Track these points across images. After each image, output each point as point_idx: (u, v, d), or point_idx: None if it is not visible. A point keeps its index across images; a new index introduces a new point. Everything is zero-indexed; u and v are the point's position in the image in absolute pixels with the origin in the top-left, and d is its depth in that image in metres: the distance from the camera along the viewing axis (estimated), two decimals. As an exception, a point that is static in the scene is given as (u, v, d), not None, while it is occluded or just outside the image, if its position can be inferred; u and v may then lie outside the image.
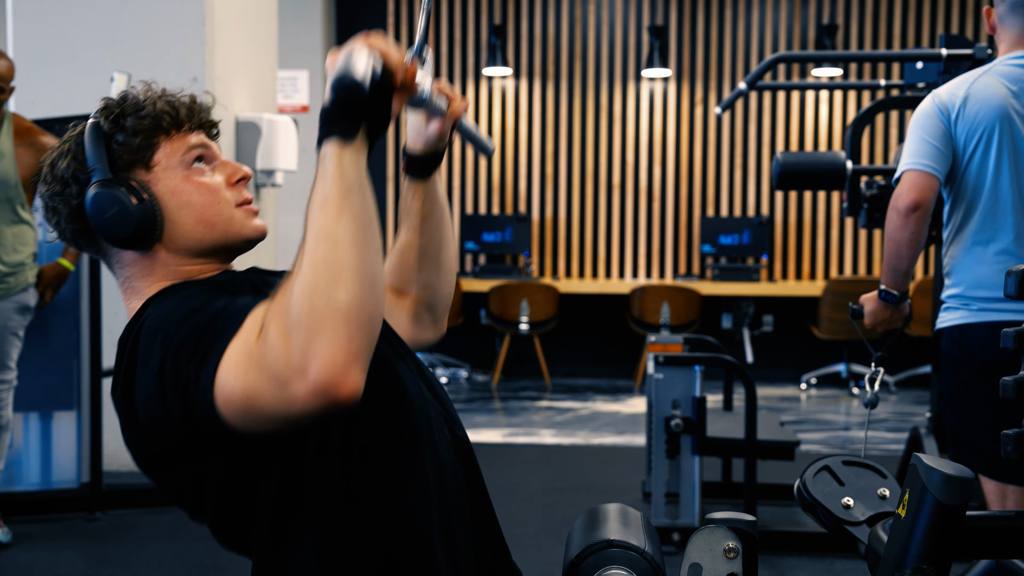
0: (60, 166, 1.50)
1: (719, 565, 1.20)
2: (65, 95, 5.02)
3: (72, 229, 1.52)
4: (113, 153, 1.47)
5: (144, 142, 1.48)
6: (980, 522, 1.56)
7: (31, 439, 4.61)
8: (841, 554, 3.97)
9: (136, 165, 1.48)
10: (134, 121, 1.48)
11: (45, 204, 1.53)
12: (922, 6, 8.30)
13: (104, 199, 1.45)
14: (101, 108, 1.51)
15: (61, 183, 1.49)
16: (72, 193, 1.48)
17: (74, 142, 1.50)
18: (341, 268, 1.20)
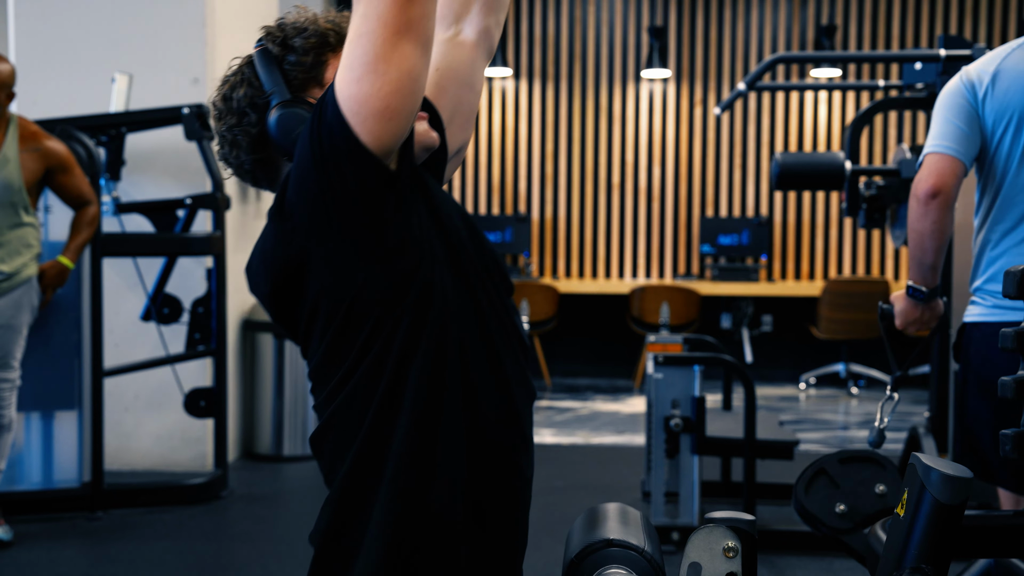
0: (235, 96, 1.50)
1: (718, 564, 1.22)
2: (67, 96, 5.03)
3: (252, 160, 1.51)
4: (287, 75, 1.48)
5: (315, 59, 1.48)
6: (978, 521, 1.58)
7: (32, 438, 4.62)
8: (840, 553, 3.97)
9: (311, 84, 1.48)
10: (301, 41, 1.48)
11: (222, 139, 1.52)
12: (921, 7, 8.31)
13: (289, 119, 1.44)
14: (265, 35, 1.51)
15: (238, 114, 1.49)
16: (251, 121, 1.48)
17: (246, 70, 1.50)
18: None
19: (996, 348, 1.94)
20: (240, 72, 1.51)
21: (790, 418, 6.86)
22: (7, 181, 4.03)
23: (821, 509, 2.00)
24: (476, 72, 1.69)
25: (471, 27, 1.68)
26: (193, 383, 4.99)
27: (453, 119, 1.64)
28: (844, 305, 7.58)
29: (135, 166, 4.99)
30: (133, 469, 5.18)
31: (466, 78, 1.67)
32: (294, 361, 5.55)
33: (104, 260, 4.58)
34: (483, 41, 1.69)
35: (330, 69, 1.50)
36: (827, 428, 6.67)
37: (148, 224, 4.88)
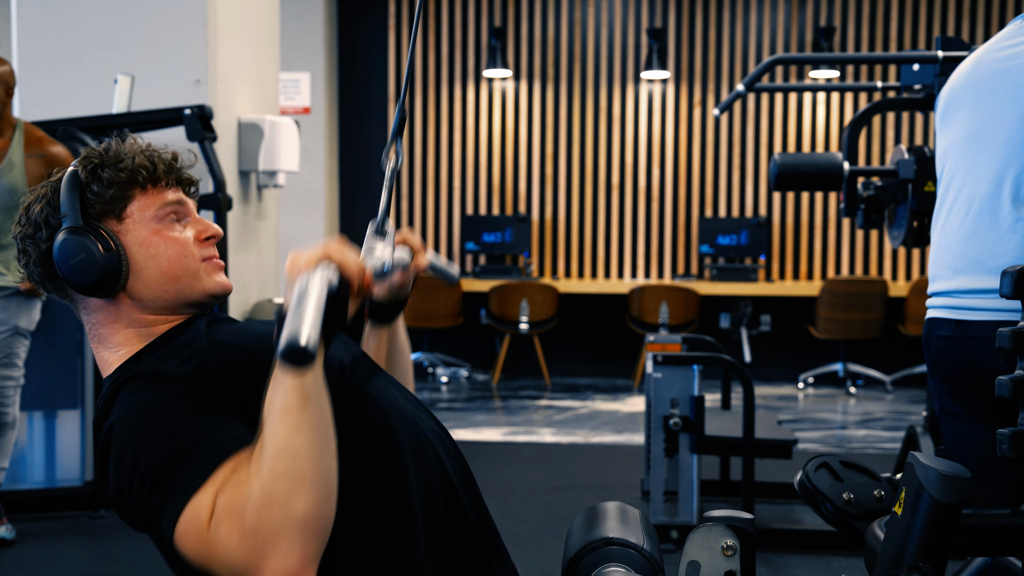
0: (35, 210, 1.53)
1: (717, 563, 1.23)
2: (69, 97, 5.03)
3: (40, 272, 1.54)
4: (87, 202, 1.51)
5: (118, 194, 1.51)
6: (976, 520, 1.59)
7: (35, 437, 4.62)
8: (838, 552, 3.99)
9: (108, 215, 1.51)
10: (111, 173, 1.51)
11: (17, 245, 1.56)
12: (918, 8, 8.33)
13: (71, 245, 1.48)
14: (82, 157, 1.55)
15: (33, 226, 1.53)
16: (42, 237, 1.52)
17: (51, 188, 1.54)
18: (300, 480, 1.25)
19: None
20: (47, 187, 1.55)
21: (788, 417, 6.87)
22: (12, 186, 4.05)
23: (828, 492, 2.01)
24: None
25: None
26: (195, 382, 4.99)
27: None
28: (842, 305, 7.60)
29: (137, 167, 4.99)
30: (135, 468, 5.18)
31: None
32: (295, 361, 5.55)
33: (106, 260, 4.59)
34: None
35: (133, 204, 1.52)
36: (825, 427, 6.68)
37: (150, 224, 4.88)
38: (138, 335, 1.53)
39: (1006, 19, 8.22)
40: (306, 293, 1.25)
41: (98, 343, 1.54)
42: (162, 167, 1.55)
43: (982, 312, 2.26)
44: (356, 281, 1.38)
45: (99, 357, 1.54)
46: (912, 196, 3.97)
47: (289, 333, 1.20)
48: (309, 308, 1.23)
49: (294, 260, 1.34)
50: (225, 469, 1.30)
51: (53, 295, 1.58)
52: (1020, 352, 1.64)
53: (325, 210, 8.56)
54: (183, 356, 1.44)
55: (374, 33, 8.73)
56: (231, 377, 1.42)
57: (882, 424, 6.73)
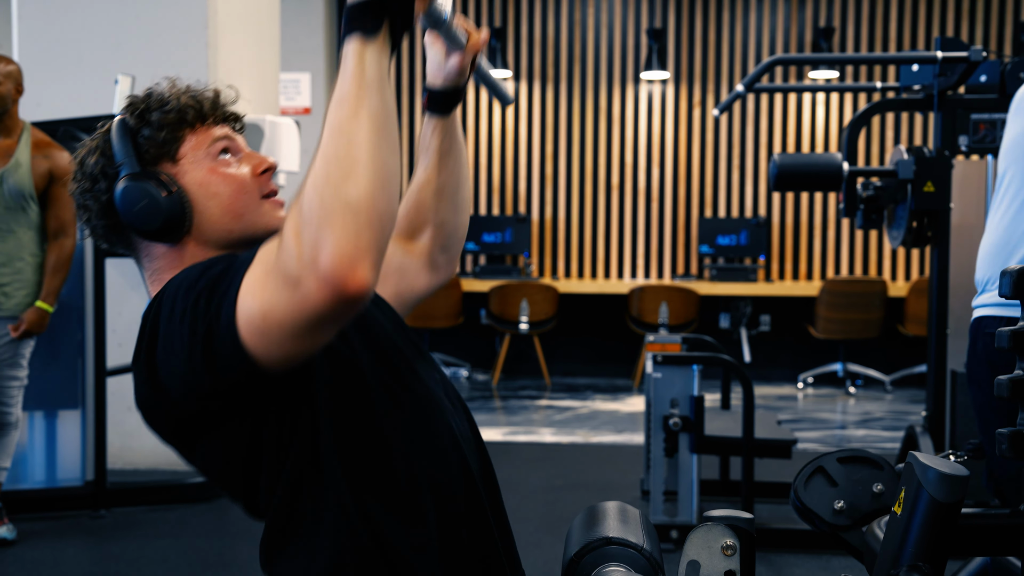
0: (89, 163, 1.52)
1: (717, 562, 1.23)
2: (70, 97, 5.05)
3: (103, 225, 1.53)
4: (140, 147, 1.49)
5: (169, 135, 1.50)
6: (975, 520, 1.59)
7: (36, 437, 4.64)
8: (838, 551, 3.99)
9: (163, 158, 1.50)
10: (159, 115, 1.50)
11: (76, 202, 1.54)
12: (918, 9, 8.34)
13: (133, 192, 1.46)
14: (127, 105, 1.53)
15: (90, 179, 1.51)
16: (101, 189, 1.50)
17: (102, 139, 1.52)
18: (354, 163, 1.20)
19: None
20: (98, 139, 1.53)
21: (788, 417, 6.88)
22: (19, 186, 4.07)
23: (819, 505, 2.01)
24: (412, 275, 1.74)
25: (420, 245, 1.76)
26: (195, 382, 5.00)
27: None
28: (842, 305, 7.60)
29: (138, 167, 5.00)
30: (136, 468, 5.19)
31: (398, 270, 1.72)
32: (295, 361, 5.57)
33: (107, 260, 4.60)
34: (426, 264, 1.75)
35: (184, 145, 1.51)
36: (825, 427, 6.69)
37: (151, 225, 4.88)
38: None
39: (1006, 19, 8.23)
40: None
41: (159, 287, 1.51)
42: (207, 104, 1.54)
43: None
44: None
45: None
46: (911, 196, 3.98)
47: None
48: None
49: None
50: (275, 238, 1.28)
51: (115, 247, 1.55)
52: (1019, 352, 1.65)
53: (325, 210, 8.56)
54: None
55: None
56: None
57: (881, 424, 6.74)
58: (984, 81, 4.17)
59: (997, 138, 4.10)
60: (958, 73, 4.01)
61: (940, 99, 4.11)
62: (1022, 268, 1.69)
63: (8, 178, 4.07)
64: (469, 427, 1.60)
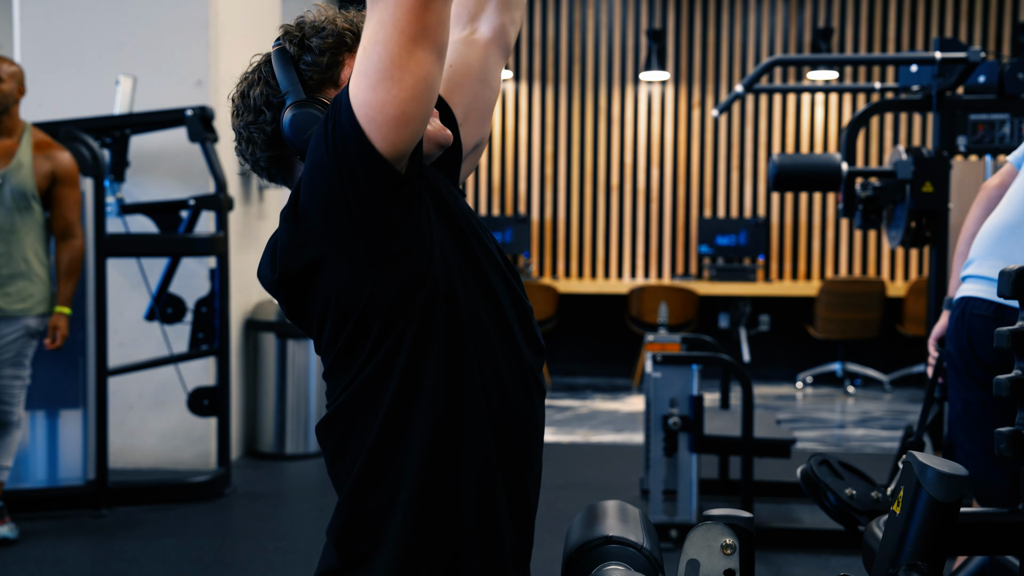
0: (252, 94, 1.50)
1: (716, 561, 1.22)
2: (71, 98, 5.06)
3: (267, 157, 1.52)
4: (303, 75, 1.48)
5: (331, 60, 1.48)
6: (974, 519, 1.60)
7: (38, 437, 4.64)
8: (836, 550, 4.01)
9: (326, 84, 1.49)
10: (318, 41, 1.48)
11: (239, 135, 1.53)
12: (916, 10, 8.35)
13: (303, 119, 1.44)
14: (283, 34, 1.50)
15: (254, 112, 1.50)
16: (267, 120, 1.49)
17: (263, 69, 1.51)
18: None
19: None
20: (258, 70, 1.51)
21: (787, 417, 6.89)
22: (21, 186, 4.08)
23: (833, 484, 2.03)
24: (492, 69, 1.69)
25: (487, 25, 1.68)
26: (196, 382, 5.02)
27: (468, 116, 1.64)
28: (840, 305, 7.62)
29: (139, 167, 5.02)
30: (137, 467, 5.21)
31: (480, 75, 1.66)
32: (296, 360, 5.59)
33: (108, 260, 4.61)
34: (498, 39, 1.69)
35: (346, 69, 1.49)
36: (824, 427, 6.71)
37: (152, 225, 4.91)
38: None
39: (1004, 20, 8.25)
40: None
41: None
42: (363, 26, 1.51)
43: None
44: None
45: None
46: (910, 196, 3.99)
47: None
48: None
49: None
50: None
51: (276, 179, 1.55)
52: (1018, 352, 1.66)
53: (325, 210, 8.57)
54: None
55: None
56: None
57: (880, 423, 6.76)
58: (983, 82, 4.18)
59: (995, 138, 4.11)
60: (956, 74, 4.02)
61: (939, 100, 4.12)
62: (1021, 268, 1.70)
63: (10, 179, 4.08)
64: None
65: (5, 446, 4.14)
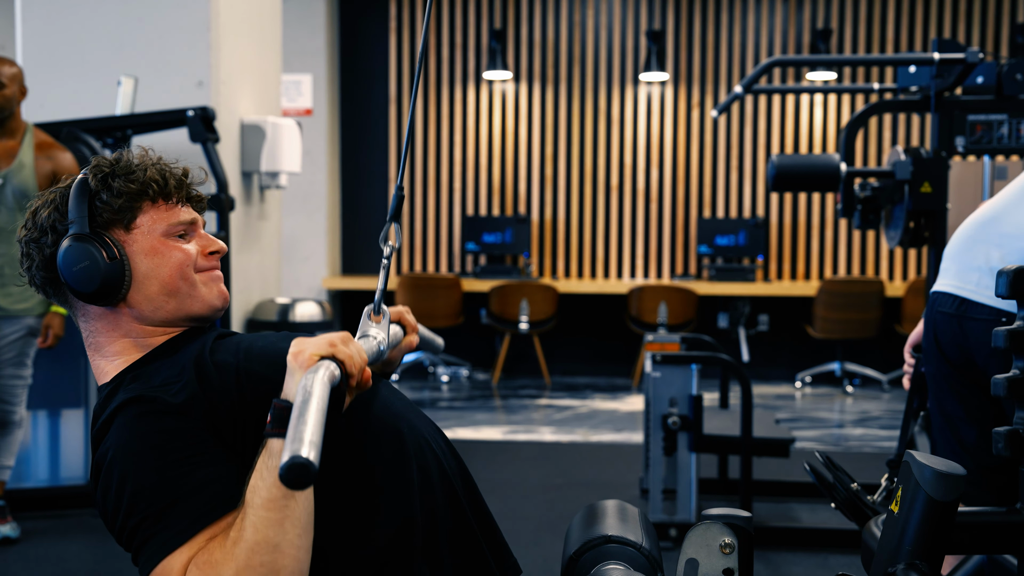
0: (42, 215, 1.53)
1: (715, 560, 1.23)
2: (73, 99, 5.06)
3: (42, 276, 1.54)
4: (95, 210, 1.50)
5: (127, 204, 1.51)
6: (972, 518, 1.61)
7: (39, 436, 4.65)
8: (835, 550, 4.02)
9: (115, 225, 1.52)
10: (122, 183, 1.52)
11: (21, 249, 1.56)
12: (915, 11, 8.36)
13: (76, 252, 1.48)
14: (93, 165, 1.55)
15: (39, 231, 1.53)
16: (47, 242, 1.52)
17: (59, 194, 1.54)
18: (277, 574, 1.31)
19: None
20: (55, 193, 1.55)
21: (786, 416, 6.90)
22: (23, 186, 4.09)
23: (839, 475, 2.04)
24: None
25: None
26: (197, 382, 5.02)
27: None
28: (839, 305, 7.63)
29: (140, 168, 5.01)
30: (138, 467, 5.21)
31: None
32: (296, 360, 5.58)
33: (110, 260, 4.61)
34: None
35: (140, 215, 1.52)
36: (822, 426, 6.72)
37: (153, 225, 4.90)
38: (135, 345, 1.54)
39: (1002, 21, 8.26)
40: (309, 400, 1.24)
41: (95, 351, 1.55)
42: (173, 182, 1.56)
43: (985, 296, 2.36)
44: (356, 377, 1.37)
45: (95, 365, 1.55)
46: (908, 197, 3.99)
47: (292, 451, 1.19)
48: (311, 418, 1.21)
49: (299, 351, 1.34)
50: (205, 535, 1.34)
51: (52, 300, 1.58)
52: (1016, 352, 1.67)
53: (327, 211, 8.59)
54: (181, 383, 1.45)
55: (375, 35, 8.76)
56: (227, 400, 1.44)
57: (879, 423, 6.77)
58: (981, 82, 4.19)
59: (994, 139, 4.12)
60: (955, 74, 4.02)
61: (937, 100, 4.12)
62: (1019, 268, 1.71)
63: (12, 179, 4.09)
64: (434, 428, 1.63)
65: (7, 445, 4.15)
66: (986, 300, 2.41)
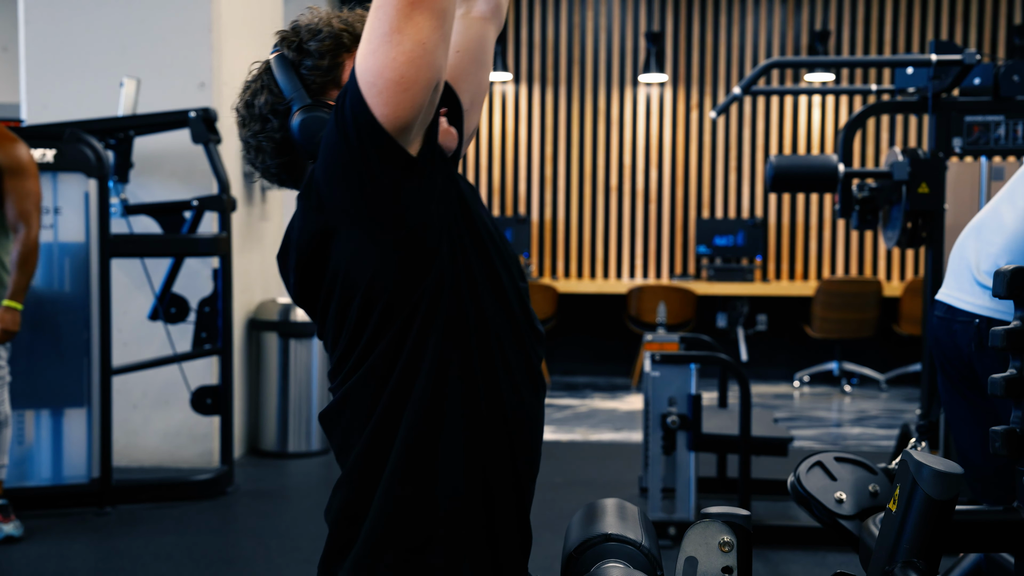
0: (257, 103, 1.50)
1: (714, 558, 1.23)
2: (75, 99, 5.08)
3: (277, 164, 1.52)
4: (305, 79, 1.48)
5: (331, 62, 1.48)
6: (969, 516, 1.62)
7: (42, 435, 4.66)
8: (834, 548, 4.02)
9: (328, 86, 1.49)
10: (316, 44, 1.48)
11: (247, 145, 1.53)
12: (912, 12, 8.38)
13: (311, 123, 1.44)
14: (280, 40, 1.51)
15: (261, 120, 1.50)
16: (274, 127, 1.49)
17: (262, 79, 1.51)
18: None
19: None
20: (259, 79, 1.52)
21: (784, 415, 6.92)
22: None
23: (820, 494, 2.04)
24: (488, 48, 1.69)
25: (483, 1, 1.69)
26: (200, 381, 5.05)
27: (472, 104, 1.66)
28: (837, 305, 7.64)
29: (143, 168, 5.04)
30: (141, 465, 5.23)
31: (481, 56, 1.67)
32: (298, 359, 5.61)
33: (112, 260, 4.63)
34: (495, 14, 1.70)
35: (346, 70, 1.49)
36: (821, 425, 6.74)
37: (156, 225, 4.93)
38: None
39: (999, 23, 8.28)
40: None
41: None
42: (360, 26, 1.51)
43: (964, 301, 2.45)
44: None
45: None
46: (906, 197, 4.01)
47: None
48: None
49: None
50: None
51: (287, 185, 1.55)
52: (1013, 352, 1.68)
53: (325, 210, 8.59)
54: None
55: (374, 35, 8.76)
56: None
57: (876, 422, 6.79)
58: (978, 84, 4.20)
59: (991, 140, 4.14)
60: (952, 76, 4.04)
61: (934, 101, 4.14)
62: (1016, 268, 1.73)
63: None
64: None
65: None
66: (964, 305, 2.50)
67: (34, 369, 4.35)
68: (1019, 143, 4.14)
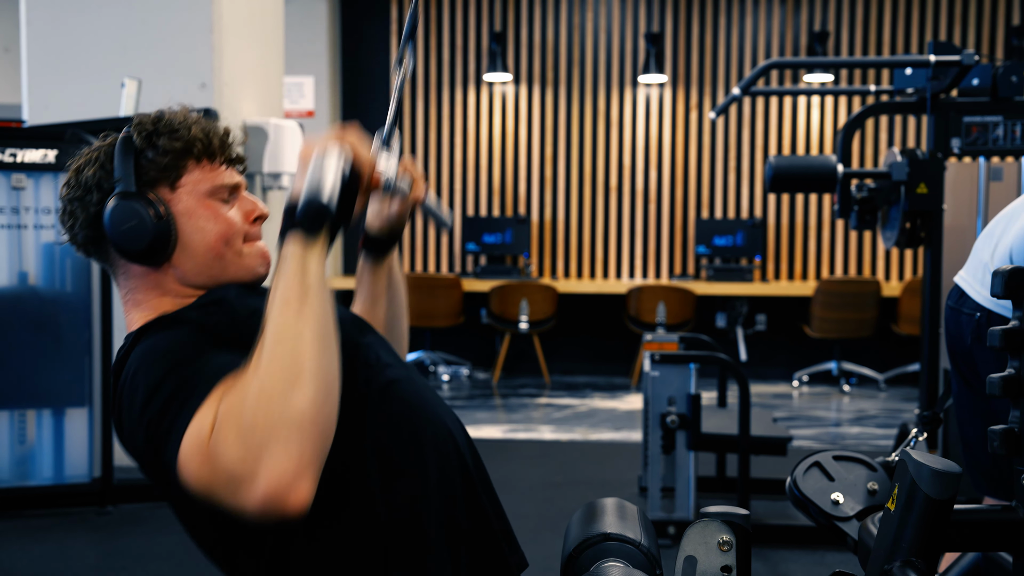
0: (86, 173, 1.50)
1: (713, 558, 1.22)
2: (77, 100, 5.09)
3: (84, 235, 1.51)
4: (140, 168, 1.48)
5: (172, 163, 1.49)
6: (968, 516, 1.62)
7: (44, 435, 4.67)
8: (832, 547, 4.03)
9: (161, 183, 1.49)
10: (166, 141, 1.49)
11: (63, 207, 1.52)
12: (911, 13, 8.39)
13: (124, 211, 1.45)
14: (135, 123, 1.51)
15: (83, 189, 1.49)
16: (92, 200, 1.49)
17: (103, 152, 1.51)
18: (299, 372, 1.21)
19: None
20: (100, 150, 1.51)
21: (783, 415, 6.93)
22: None
23: (816, 496, 2.04)
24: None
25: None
26: (200, 381, 5.05)
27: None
28: (836, 305, 7.66)
29: (143, 169, 5.04)
30: (141, 465, 5.23)
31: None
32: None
33: (114, 261, 4.63)
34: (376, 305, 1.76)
35: (187, 175, 1.50)
36: (820, 425, 6.75)
37: (156, 225, 4.92)
38: (173, 304, 1.51)
39: (997, 23, 8.29)
40: (323, 165, 1.23)
41: (132, 306, 1.52)
42: (216, 141, 1.53)
43: (975, 291, 2.45)
44: (367, 174, 1.35)
45: (129, 318, 1.52)
46: (905, 198, 4.02)
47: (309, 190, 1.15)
48: (328, 173, 1.21)
49: (308, 144, 1.31)
50: (227, 382, 1.26)
51: (93, 259, 1.55)
52: (1011, 351, 1.69)
53: (325, 210, 8.59)
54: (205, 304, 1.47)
55: (377, 38, 8.79)
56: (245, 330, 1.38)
57: (875, 421, 6.80)
58: (976, 84, 4.21)
59: (989, 141, 4.15)
60: (951, 76, 4.05)
61: (933, 102, 4.15)
62: (1014, 268, 1.73)
63: None
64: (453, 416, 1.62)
65: None
66: (973, 293, 2.51)
67: (35, 369, 4.35)
68: (1017, 143, 4.15)
